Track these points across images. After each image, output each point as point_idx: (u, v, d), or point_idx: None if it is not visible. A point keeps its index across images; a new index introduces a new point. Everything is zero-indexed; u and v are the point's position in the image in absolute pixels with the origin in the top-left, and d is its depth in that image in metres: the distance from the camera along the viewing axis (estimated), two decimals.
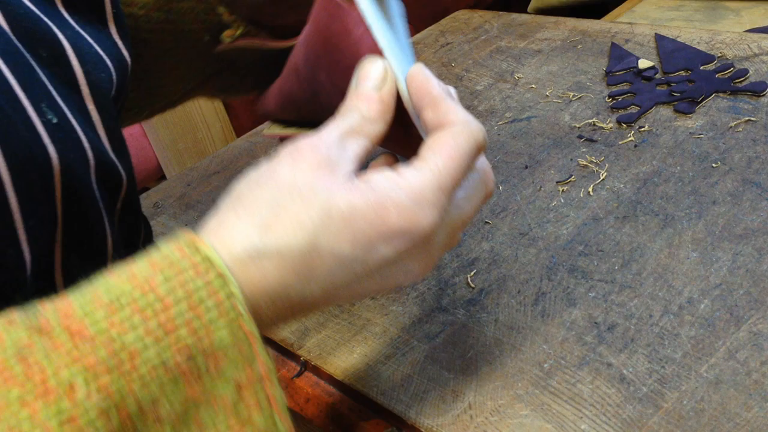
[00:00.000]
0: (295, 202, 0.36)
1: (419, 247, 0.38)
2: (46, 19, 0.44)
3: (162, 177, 1.32)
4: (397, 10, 0.53)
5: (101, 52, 0.48)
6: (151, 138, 1.25)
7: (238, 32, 0.55)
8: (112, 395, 0.31)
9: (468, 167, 0.39)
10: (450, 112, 0.40)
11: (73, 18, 0.48)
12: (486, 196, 0.42)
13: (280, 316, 0.36)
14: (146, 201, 0.78)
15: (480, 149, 0.39)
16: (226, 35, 0.55)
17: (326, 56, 0.46)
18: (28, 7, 0.44)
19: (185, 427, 0.33)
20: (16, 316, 0.32)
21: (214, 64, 0.63)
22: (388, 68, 0.41)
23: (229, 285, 0.33)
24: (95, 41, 0.48)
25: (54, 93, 0.42)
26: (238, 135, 1.32)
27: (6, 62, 0.39)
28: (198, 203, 0.76)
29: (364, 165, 0.40)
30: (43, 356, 0.31)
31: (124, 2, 0.58)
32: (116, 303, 0.32)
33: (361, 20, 0.43)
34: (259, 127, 0.89)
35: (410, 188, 0.37)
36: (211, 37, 0.56)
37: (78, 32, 0.47)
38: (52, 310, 0.32)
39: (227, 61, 0.63)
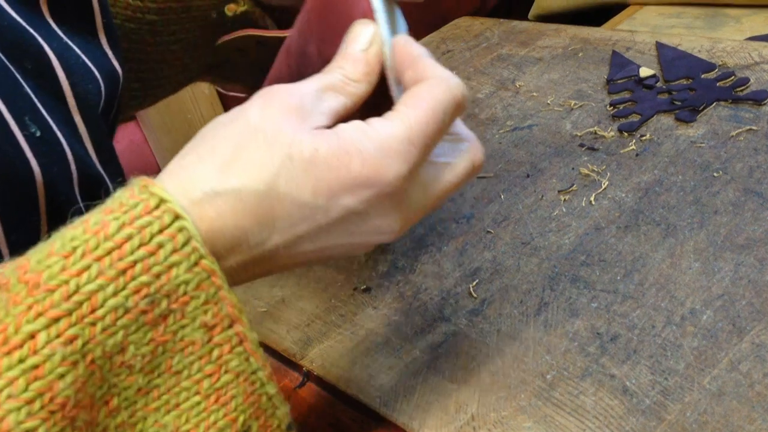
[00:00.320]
0: (258, 144, 0.35)
1: (387, 201, 0.36)
2: (31, 30, 0.44)
3: None
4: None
5: (89, 64, 0.48)
6: (151, 143, 1.25)
7: (241, 9, 0.55)
8: (74, 342, 0.31)
9: (444, 122, 0.37)
10: (428, 68, 0.39)
11: (61, 28, 0.48)
12: (473, 169, 0.41)
13: (242, 265, 0.36)
14: None
15: (458, 105, 0.38)
16: (229, 9, 0.55)
17: (318, 24, 0.45)
18: (13, 18, 0.43)
19: (156, 373, 0.33)
20: None
21: (217, 54, 0.63)
22: (377, 32, 0.41)
23: (185, 224, 0.33)
24: (84, 52, 0.48)
25: (39, 105, 0.42)
26: None
27: None
28: None
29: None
30: (2, 310, 0.31)
31: None
32: (71, 251, 0.31)
33: None
34: None
35: (378, 138, 0.36)
36: (217, 15, 0.56)
37: (65, 43, 0.47)
38: (11, 267, 0.32)
39: (229, 51, 0.63)
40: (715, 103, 0.69)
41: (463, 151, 0.40)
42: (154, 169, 1.30)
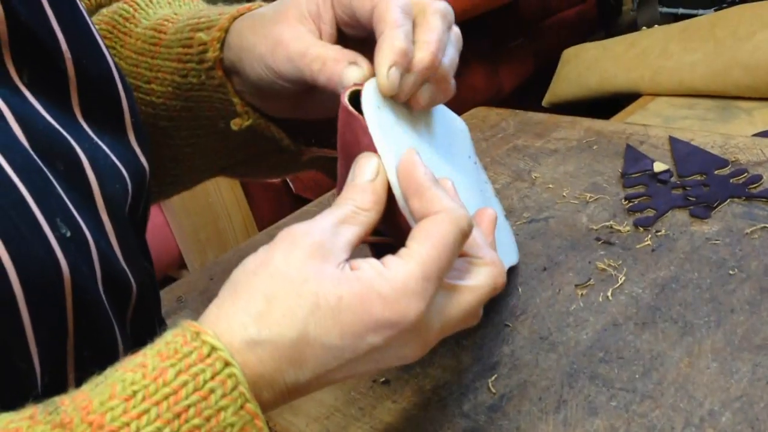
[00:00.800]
0: (288, 293, 0.39)
1: (408, 335, 0.40)
2: (64, 133, 0.46)
3: (183, 266, 1.34)
4: (448, 125, 0.56)
5: (117, 163, 0.50)
6: (173, 227, 1.27)
7: (246, 123, 0.57)
8: None
9: (453, 253, 0.41)
10: (434, 200, 0.43)
11: (91, 128, 0.50)
12: (494, 290, 0.44)
13: (278, 397, 0.39)
14: (169, 295, 0.79)
15: (464, 236, 0.42)
16: (235, 123, 0.57)
17: (344, 162, 0.48)
18: (47, 121, 0.46)
19: None
20: (37, 412, 0.35)
21: (228, 157, 0.66)
22: (381, 164, 0.45)
23: (234, 371, 0.36)
24: (112, 151, 0.50)
25: (69, 205, 0.44)
26: (259, 225, 1.34)
27: (23, 178, 0.41)
28: None
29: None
30: None
31: (144, 93, 0.61)
32: (131, 395, 0.35)
33: (367, 130, 0.46)
34: (281, 221, 0.91)
35: (395, 279, 0.39)
36: (225, 125, 0.58)
37: (95, 143, 0.49)
38: (72, 405, 0.34)
39: (241, 153, 0.65)
40: (729, 200, 0.71)
41: (484, 274, 0.44)
42: (174, 252, 1.32)
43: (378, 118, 0.47)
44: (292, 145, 0.60)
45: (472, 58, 1.79)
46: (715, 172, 0.75)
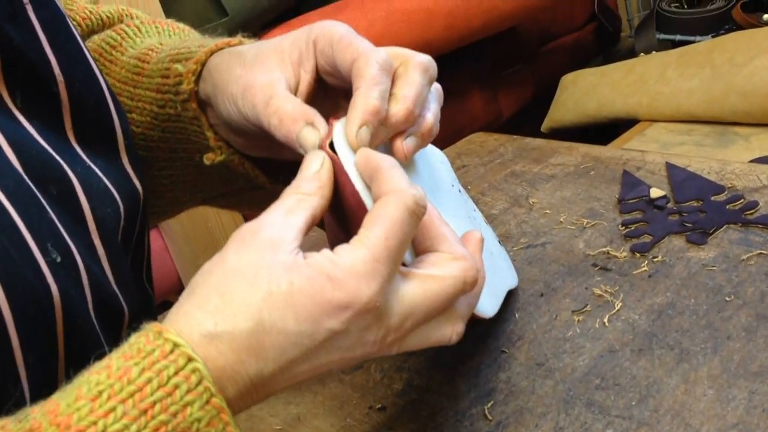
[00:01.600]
0: (241, 286, 0.39)
1: (366, 316, 0.40)
2: (57, 157, 0.46)
3: (182, 290, 1.33)
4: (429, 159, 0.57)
5: (110, 186, 0.50)
6: (173, 253, 1.27)
7: (219, 158, 0.57)
8: None
9: (403, 232, 0.41)
10: (385, 182, 0.44)
11: (85, 152, 0.50)
12: (464, 284, 0.44)
13: (244, 393, 0.40)
14: None
15: (414, 213, 0.42)
16: (207, 158, 0.57)
17: (333, 206, 0.49)
18: (40, 145, 0.46)
19: None
20: (8, 422, 0.35)
21: (207, 191, 0.66)
22: (326, 157, 0.46)
23: (197, 366, 0.37)
24: (105, 174, 0.50)
25: (61, 229, 0.44)
26: None
27: (14, 204, 0.41)
28: None
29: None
30: None
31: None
32: (97, 395, 0.35)
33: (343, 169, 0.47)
34: None
35: (344, 263, 0.40)
36: (200, 158, 0.58)
37: (88, 167, 0.49)
38: (40, 411, 0.35)
39: (219, 187, 0.64)
40: (725, 226, 0.71)
41: (453, 266, 0.44)
42: (174, 278, 1.32)
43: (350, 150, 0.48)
44: (268, 184, 0.60)
45: (471, 83, 1.80)
46: (712, 198, 0.76)
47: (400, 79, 0.49)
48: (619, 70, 1.61)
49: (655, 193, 0.78)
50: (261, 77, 0.51)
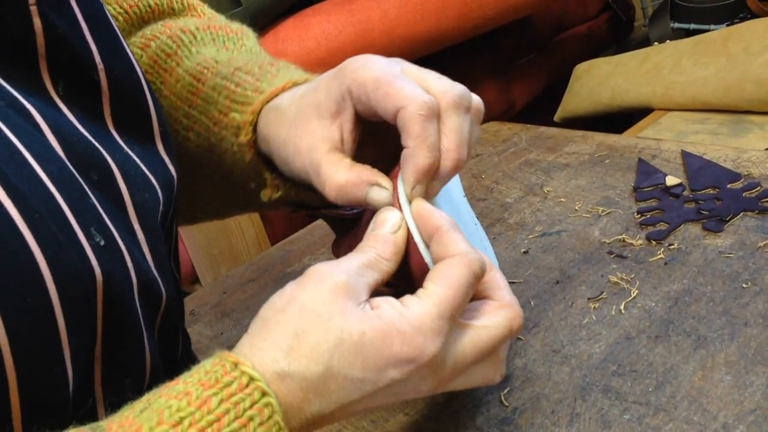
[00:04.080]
0: (315, 329, 0.42)
1: (425, 370, 0.43)
2: (96, 144, 0.47)
3: (196, 280, 1.34)
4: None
5: (147, 173, 0.51)
6: (186, 242, 1.28)
7: (276, 195, 0.58)
8: None
9: (466, 293, 0.45)
10: (451, 244, 0.46)
11: (122, 138, 0.51)
12: (510, 332, 0.47)
13: (303, 426, 0.42)
14: None
15: (477, 278, 0.45)
16: (264, 194, 0.57)
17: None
18: (81, 133, 0.47)
19: None
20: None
21: (248, 207, 0.67)
22: (402, 218, 0.48)
23: (270, 401, 0.40)
24: (143, 161, 0.51)
25: (103, 215, 0.45)
26: (272, 241, 1.35)
27: (60, 189, 0.42)
28: (233, 311, 0.77)
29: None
30: None
31: (182, 138, 0.61)
32: (178, 421, 0.38)
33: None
34: (293, 236, 0.91)
35: (413, 317, 0.43)
36: (256, 186, 0.58)
37: (126, 154, 0.50)
38: (121, 431, 0.38)
39: (265, 207, 0.64)
40: (742, 214, 0.70)
41: (500, 315, 0.47)
42: (188, 267, 1.32)
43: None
44: (323, 208, 0.60)
45: (484, 73, 1.80)
46: (728, 185, 0.75)
47: (444, 126, 0.48)
48: (633, 60, 1.60)
49: (671, 180, 0.78)
50: (305, 141, 0.51)
